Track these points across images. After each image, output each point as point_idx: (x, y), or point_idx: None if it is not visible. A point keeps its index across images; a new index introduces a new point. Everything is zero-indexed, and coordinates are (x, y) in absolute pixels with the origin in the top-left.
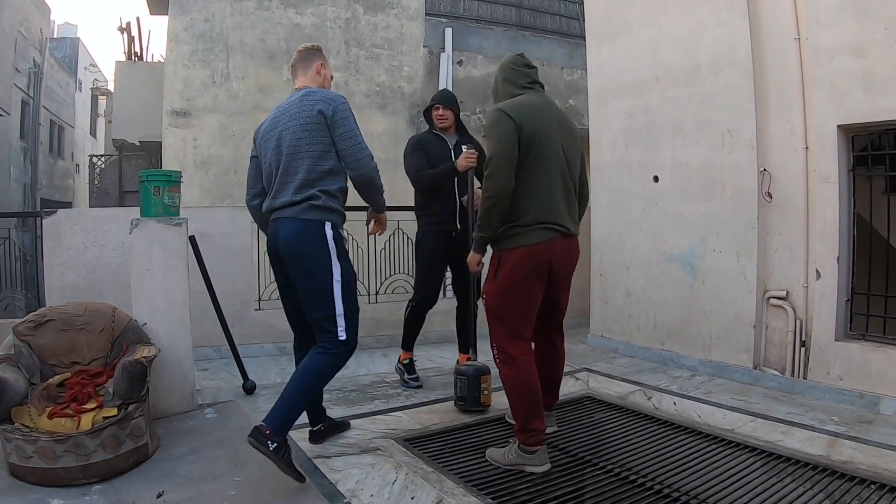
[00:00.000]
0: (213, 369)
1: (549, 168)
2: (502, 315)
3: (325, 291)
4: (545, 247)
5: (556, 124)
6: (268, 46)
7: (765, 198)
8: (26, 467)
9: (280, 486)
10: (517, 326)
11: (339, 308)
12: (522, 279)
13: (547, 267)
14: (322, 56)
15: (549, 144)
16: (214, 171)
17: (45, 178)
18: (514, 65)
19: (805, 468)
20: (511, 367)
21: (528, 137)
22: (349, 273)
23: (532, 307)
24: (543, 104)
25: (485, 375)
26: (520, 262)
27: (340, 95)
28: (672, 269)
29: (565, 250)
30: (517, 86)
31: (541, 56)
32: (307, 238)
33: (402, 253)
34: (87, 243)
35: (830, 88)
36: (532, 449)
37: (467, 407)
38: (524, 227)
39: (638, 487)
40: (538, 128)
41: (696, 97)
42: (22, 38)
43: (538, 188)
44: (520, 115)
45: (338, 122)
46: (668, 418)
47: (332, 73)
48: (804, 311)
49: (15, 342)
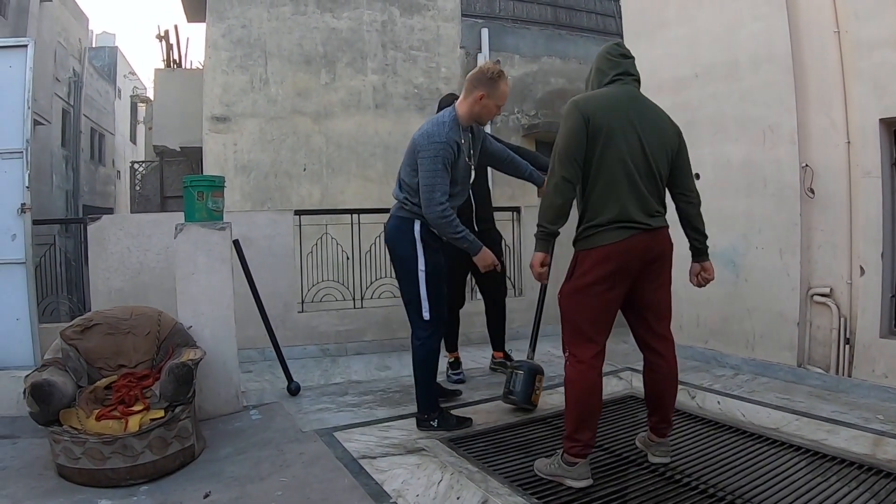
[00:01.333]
0: (258, 371)
1: (624, 163)
2: (574, 316)
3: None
4: (624, 246)
5: (637, 117)
6: (305, 51)
7: (807, 194)
8: (74, 468)
9: (326, 486)
10: (588, 329)
11: (423, 292)
12: (597, 281)
13: (627, 267)
14: (490, 88)
15: (622, 138)
16: (255, 176)
17: (87, 185)
18: (609, 54)
19: (850, 467)
20: (576, 369)
21: (595, 130)
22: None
23: (608, 311)
24: (624, 96)
25: (539, 374)
26: (596, 263)
27: (437, 136)
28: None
29: (650, 246)
30: (605, 76)
31: (577, 55)
32: (395, 233)
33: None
34: (132, 248)
35: (871, 82)
36: (574, 460)
37: (517, 402)
38: (601, 227)
39: (683, 487)
40: (610, 120)
41: (735, 93)
42: (61, 48)
43: (613, 185)
44: (589, 106)
45: (419, 160)
46: (712, 417)
47: (496, 106)
48: (848, 308)
49: (63, 346)
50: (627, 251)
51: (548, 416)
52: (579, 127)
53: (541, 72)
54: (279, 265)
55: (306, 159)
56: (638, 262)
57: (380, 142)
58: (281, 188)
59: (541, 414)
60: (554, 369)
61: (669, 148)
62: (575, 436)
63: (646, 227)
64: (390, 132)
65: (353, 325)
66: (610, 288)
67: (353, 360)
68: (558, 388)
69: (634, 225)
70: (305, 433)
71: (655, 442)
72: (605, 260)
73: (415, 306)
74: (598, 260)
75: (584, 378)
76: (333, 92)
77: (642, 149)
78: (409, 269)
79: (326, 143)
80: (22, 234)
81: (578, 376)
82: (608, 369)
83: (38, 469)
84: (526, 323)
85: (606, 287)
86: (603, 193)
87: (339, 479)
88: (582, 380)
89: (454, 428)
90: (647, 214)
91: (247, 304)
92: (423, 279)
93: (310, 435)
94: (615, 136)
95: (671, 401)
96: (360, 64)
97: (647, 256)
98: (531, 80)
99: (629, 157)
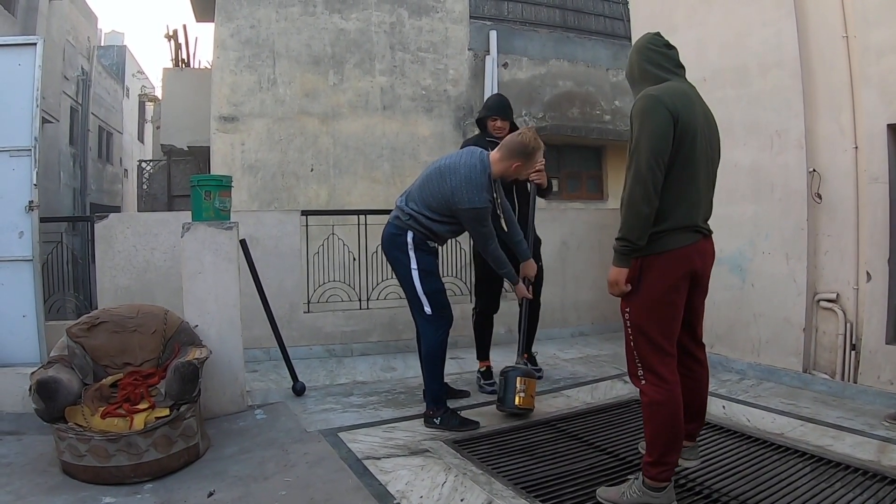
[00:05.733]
0: (263, 371)
1: (698, 166)
2: (649, 332)
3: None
4: (692, 250)
5: (704, 116)
6: (313, 52)
7: (814, 199)
8: (79, 465)
9: (330, 486)
10: (665, 343)
11: (419, 289)
12: (670, 288)
13: (692, 271)
14: (526, 160)
15: (701, 139)
16: (262, 176)
17: (94, 183)
18: (654, 45)
19: (855, 473)
20: (661, 389)
21: (682, 130)
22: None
23: (679, 319)
24: (693, 93)
25: (524, 378)
26: (666, 269)
27: (478, 202)
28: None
29: (709, 252)
30: (663, 68)
31: (585, 58)
32: (389, 240)
33: None
34: (139, 247)
35: (880, 87)
36: (661, 485)
37: (501, 407)
38: (668, 231)
39: (686, 491)
40: (692, 120)
41: (744, 98)
42: (70, 46)
43: (687, 188)
44: (675, 103)
45: (461, 214)
46: (716, 422)
47: (527, 172)
48: (854, 314)
49: (69, 343)
50: (694, 255)
51: (552, 419)
52: (668, 125)
53: (549, 74)
54: (286, 265)
55: (313, 160)
56: (700, 267)
57: (387, 143)
58: (288, 188)
59: (545, 417)
60: (559, 372)
61: (719, 154)
62: (665, 459)
63: (707, 231)
64: (398, 133)
65: (358, 326)
66: (681, 293)
67: (358, 361)
68: (563, 390)
69: (699, 229)
70: (310, 433)
71: (688, 447)
72: (677, 264)
73: (416, 304)
74: (668, 264)
75: (672, 399)
76: (341, 93)
77: (710, 154)
78: (404, 270)
79: (334, 144)
80: (29, 232)
81: (666, 398)
82: (613, 372)
83: (43, 466)
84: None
85: (678, 293)
86: (675, 197)
87: (344, 480)
88: (670, 401)
89: (457, 428)
90: (705, 220)
91: (253, 303)
92: (416, 277)
93: (314, 435)
94: (697, 138)
95: (706, 406)
96: (368, 65)
97: (706, 261)
98: (539, 83)
99: (703, 160)
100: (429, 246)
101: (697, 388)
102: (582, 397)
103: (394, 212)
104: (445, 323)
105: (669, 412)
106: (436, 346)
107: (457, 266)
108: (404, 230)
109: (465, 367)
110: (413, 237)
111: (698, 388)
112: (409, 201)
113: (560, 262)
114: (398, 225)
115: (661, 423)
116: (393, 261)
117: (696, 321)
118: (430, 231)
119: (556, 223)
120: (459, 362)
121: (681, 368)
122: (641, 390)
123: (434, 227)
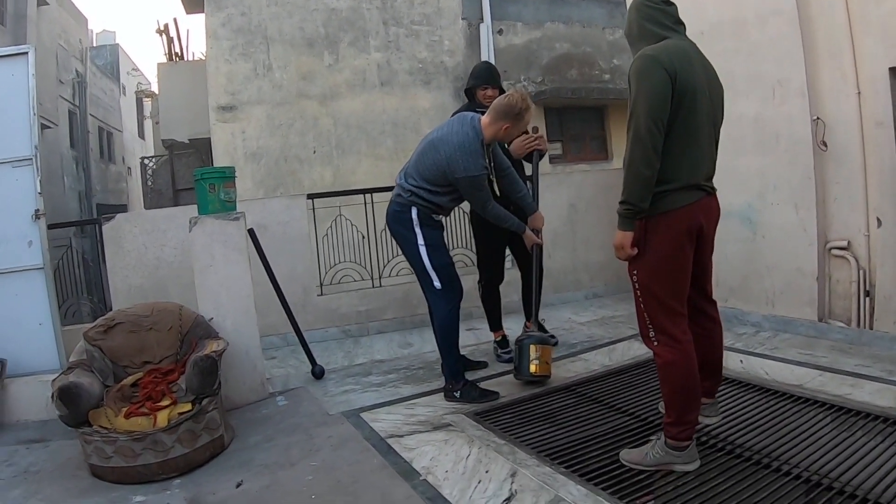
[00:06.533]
0: (281, 357)
1: (699, 124)
2: (658, 293)
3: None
4: (696, 208)
5: (704, 73)
6: (306, 34)
7: (820, 147)
8: (107, 467)
9: (355, 468)
10: (674, 303)
11: (427, 264)
12: (677, 247)
13: (698, 229)
14: (515, 121)
15: (701, 97)
16: (265, 162)
17: (99, 184)
18: (652, 1)
19: (875, 421)
20: (674, 349)
21: (681, 89)
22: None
23: (688, 277)
24: (692, 51)
25: (537, 345)
26: (671, 228)
27: (473, 169)
28: (731, 225)
29: (713, 209)
30: (662, 26)
31: (581, 17)
32: (394, 218)
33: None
34: (148, 244)
35: (881, 31)
36: (684, 444)
37: (520, 377)
38: (671, 191)
39: (709, 448)
40: (691, 78)
41: (743, 49)
42: (62, 49)
43: (688, 147)
44: (672, 62)
45: (458, 182)
46: (735, 377)
47: (518, 133)
48: (867, 261)
49: (87, 347)
50: (699, 212)
51: (571, 384)
52: (665, 85)
53: (545, 38)
54: (296, 250)
55: (315, 142)
56: (706, 224)
57: (388, 119)
58: (292, 172)
59: (564, 382)
60: (575, 336)
61: (723, 110)
62: (684, 419)
63: (710, 189)
64: (397, 109)
65: (373, 305)
66: (688, 252)
67: (375, 340)
68: (581, 354)
69: (704, 186)
70: (332, 416)
71: (707, 404)
72: (682, 223)
73: (425, 279)
74: (673, 223)
75: (685, 358)
76: (338, 73)
77: (712, 111)
78: (411, 246)
79: (335, 125)
80: (38, 241)
81: (679, 357)
82: (629, 333)
83: (72, 470)
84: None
85: (685, 251)
86: (678, 156)
87: (369, 460)
88: (684, 361)
89: (477, 400)
90: (709, 178)
91: (266, 291)
92: (424, 252)
93: (337, 417)
94: (697, 96)
95: (722, 362)
96: (362, 43)
97: (711, 218)
98: (536, 47)
99: (704, 118)
100: (434, 220)
101: (712, 346)
102: (600, 360)
103: (395, 189)
104: (455, 296)
105: (684, 371)
106: (448, 320)
107: (465, 238)
108: (408, 206)
109: (481, 337)
110: (417, 213)
111: (713, 345)
112: (408, 177)
113: (569, 225)
114: (401, 202)
115: (677, 382)
116: (399, 238)
117: (706, 278)
118: (434, 204)
119: (563, 186)
120: (476, 333)
121: (694, 327)
122: (655, 352)
123: (436, 199)
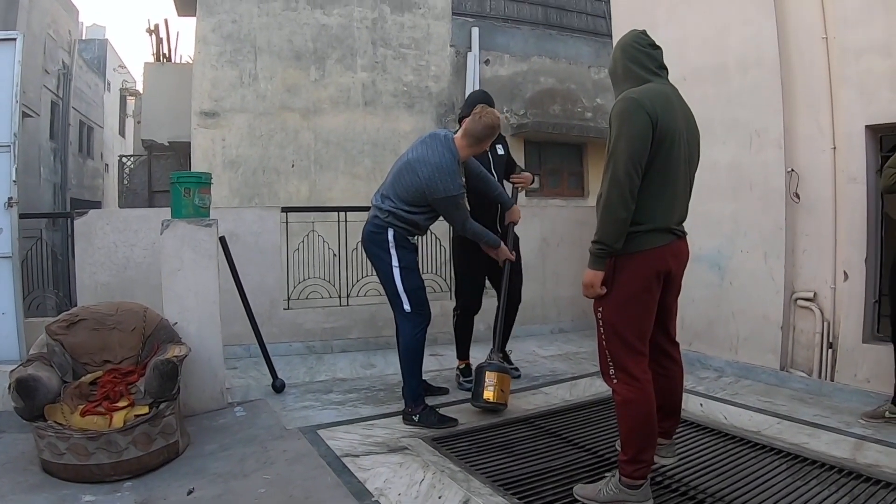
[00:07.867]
0: (243, 368)
1: (676, 168)
2: (622, 331)
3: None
4: (667, 250)
5: (683, 118)
6: (295, 47)
7: (793, 198)
8: (59, 464)
9: (309, 484)
10: (636, 342)
11: (399, 287)
12: (643, 288)
13: (666, 272)
14: (478, 143)
15: (679, 142)
16: (243, 171)
17: (75, 178)
18: (638, 44)
19: (830, 471)
20: (633, 388)
21: (661, 134)
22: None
23: (652, 318)
24: (674, 95)
25: (496, 373)
26: (640, 269)
27: (453, 189)
28: (700, 269)
29: (682, 252)
30: (646, 69)
31: (568, 54)
32: (370, 238)
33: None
34: (118, 243)
35: (858, 88)
36: (638, 483)
37: (474, 403)
38: (642, 232)
39: (664, 489)
40: (672, 123)
41: (723, 96)
42: (51, 39)
43: (664, 190)
44: (654, 107)
45: (437, 202)
46: (694, 420)
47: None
48: (832, 313)
49: (48, 341)
50: (667, 255)
51: (530, 416)
52: (646, 129)
53: (531, 71)
54: (266, 262)
55: (294, 155)
56: (674, 266)
57: (368, 139)
58: (269, 184)
59: (523, 414)
60: (538, 369)
61: (699, 155)
62: (640, 457)
63: (681, 232)
64: (379, 129)
65: (338, 323)
66: (654, 294)
67: (338, 358)
68: (542, 387)
69: (674, 230)
70: (289, 430)
71: (664, 444)
72: (650, 264)
73: (395, 301)
74: (641, 264)
75: (644, 397)
76: (323, 88)
77: (689, 155)
78: (385, 266)
79: (315, 140)
80: (9, 229)
81: (638, 396)
82: (592, 370)
83: (23, 464)
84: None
85: (651, 293)
86: (653, 198)
87: (323, 477)
88: (642, 400)
89: (435, 426)
90: (680, 221)
91: (233, 300)
92: (397, 274)
93: (294, 432)
94: (675, 142)
95: (681, 403)
96: (349, 61)
97: (680, 261)
98: (521, 80)
99: (681, 163)
100: (409, 242)
101: (672, 386)
102: (561, 394)
103: (371, 211)
104: (424, 320)
105: (642, 410)
106: (415, 343)
107: (436, 263)
108: (384, 228)
109: (444, 363)
110: (394, 234)
111: (673, 385)
112: (385, 199)
113: (540, 259)
114: (378, 224)
115: (635, 421)
116: (374, 259)
117: (669, 320)
118: (412, 224)
119: (537, 219)
120: (440, 359)
121: (655, 366)
122: (614, 389)
123: (414, 218)
